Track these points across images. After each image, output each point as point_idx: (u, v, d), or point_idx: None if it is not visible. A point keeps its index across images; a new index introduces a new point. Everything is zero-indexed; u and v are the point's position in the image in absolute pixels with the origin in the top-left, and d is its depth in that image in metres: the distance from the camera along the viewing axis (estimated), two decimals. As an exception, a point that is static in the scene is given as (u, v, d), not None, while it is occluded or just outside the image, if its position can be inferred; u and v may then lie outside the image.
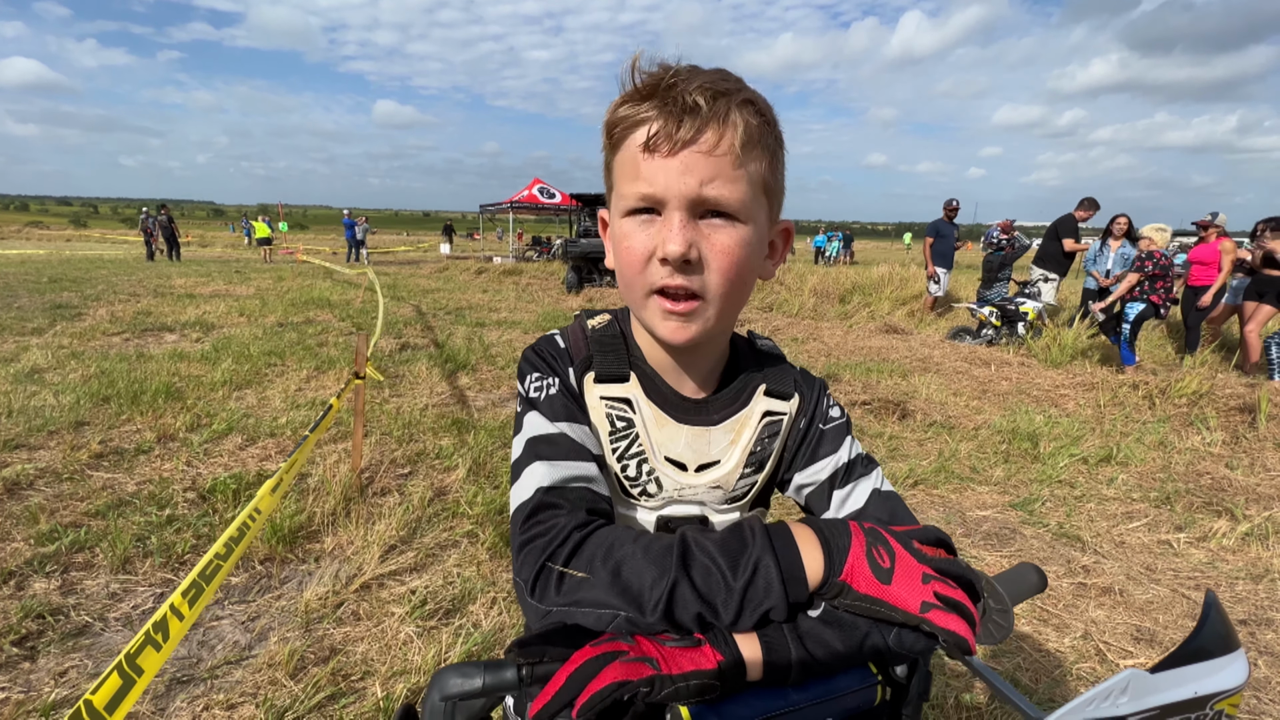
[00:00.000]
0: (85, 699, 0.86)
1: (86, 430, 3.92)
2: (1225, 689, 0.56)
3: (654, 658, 0.49)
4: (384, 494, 3.27)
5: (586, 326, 0.79)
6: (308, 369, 5.70)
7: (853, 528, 0.58)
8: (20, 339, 6.47)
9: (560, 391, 0.73)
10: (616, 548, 0.59)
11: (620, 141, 0.67)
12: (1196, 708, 0.55)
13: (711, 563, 0.56)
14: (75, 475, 3.26)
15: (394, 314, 9.30)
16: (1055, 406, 5.50)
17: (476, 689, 0.47)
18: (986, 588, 0.67)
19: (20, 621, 2.14)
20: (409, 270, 18.83)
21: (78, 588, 2.39)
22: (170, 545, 2.65)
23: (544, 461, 0.68)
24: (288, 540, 2.71)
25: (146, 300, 9.67)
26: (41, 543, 2.61)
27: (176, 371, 5.35)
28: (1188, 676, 0.56)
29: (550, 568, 0.58)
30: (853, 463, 0.78)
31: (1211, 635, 0.59)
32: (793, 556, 0.56)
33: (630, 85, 0.66)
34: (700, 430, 0.76)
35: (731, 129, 0.63)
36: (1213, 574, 2.82)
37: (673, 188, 0.62)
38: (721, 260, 0.65)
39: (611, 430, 0.74)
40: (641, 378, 0.76)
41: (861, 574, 0.54)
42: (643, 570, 0.56)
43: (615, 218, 0.69)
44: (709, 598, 0.54)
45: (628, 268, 0.68)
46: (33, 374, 5.11)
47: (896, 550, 0.56)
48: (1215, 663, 0.57)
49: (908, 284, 12.95)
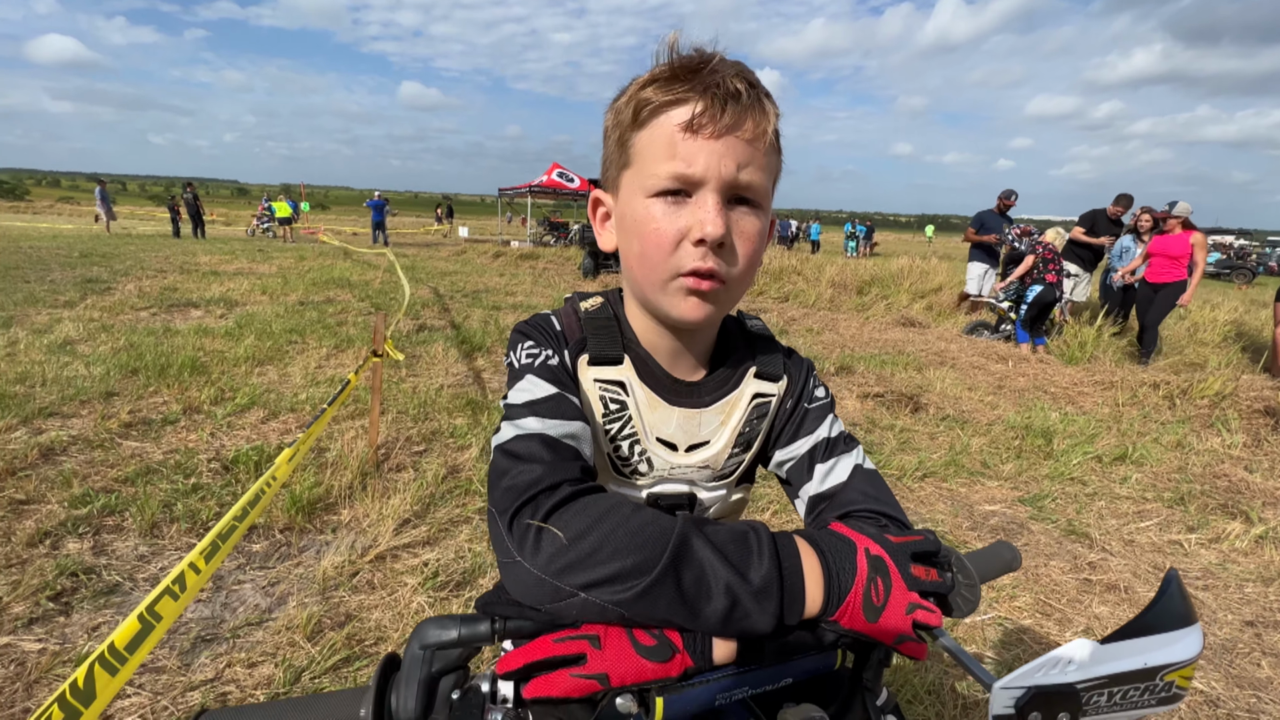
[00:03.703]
0: (109, 641, 0.92)
1: (116, 400, 4.06)
2: (1176, 661, 0.58)
3: (606, 674, 0.50)
4: (399, 470, 3.35)
5: (579, 309, 0.79)
6: (327, 347, 5.81)
7: (859, 562, 0.57)
8: (53, 311, 6.67)
9: (559, 364, 0.73)
10: (602, 516, 0.56)
11: (649, 120, 0.65)
12: (1146, 678, 0.57)
13: (708, 568, 0.54)
14: (106, 443, 3.39)
15: (412, 295, 9.40)
16: (1072, 404, 5.44)
17: (453, 639, 0.50)
18: (957, 564, 0.70)
19: (55, 579, 2.25)
20: (428, 252, 18.97)
21: (108, 549, 2.50)
22: (195, 512, 2.76)
23: (538, 417, 0.66)
24: (307, 511, 2.80)
25: (173, 276, 9.88)
26: (75, 506, 2.73)
27: (201, 346, 5.49)
28: (1138, 648, 0.58)
29: (529, 522, 0.56)
30: (835, 439, 0.80)
31: (1167, 610, 0.61)
32: (796, 589, 0.55)
33: (664, 63, 0.66)
34: (691, 412, 0.77)
35: (766, 120, 0.65)
36: (1222, 575, 2.80)
37: (713, 169, 0.63)
38: (745, 246, 0.67)
39: (605, 412, 0.75)
40: (635, 360, 0.77)
41: (854, 612, 0.55)
42: (624, 549, 0.53)
43: (635, 197, 0.67)
44: (693, 603, 0.52)
45: (655, 250, 0.66)
46: (65, 345, 5.28)
47: (894, 582, 0.56)
48: (1168, 636, 0.59)
49: (927, 277, 12.78)
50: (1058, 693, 0.55)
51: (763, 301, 11.01)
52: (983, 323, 8.15)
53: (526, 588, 0.54)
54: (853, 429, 4.42)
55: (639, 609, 0.52)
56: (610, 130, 0.72)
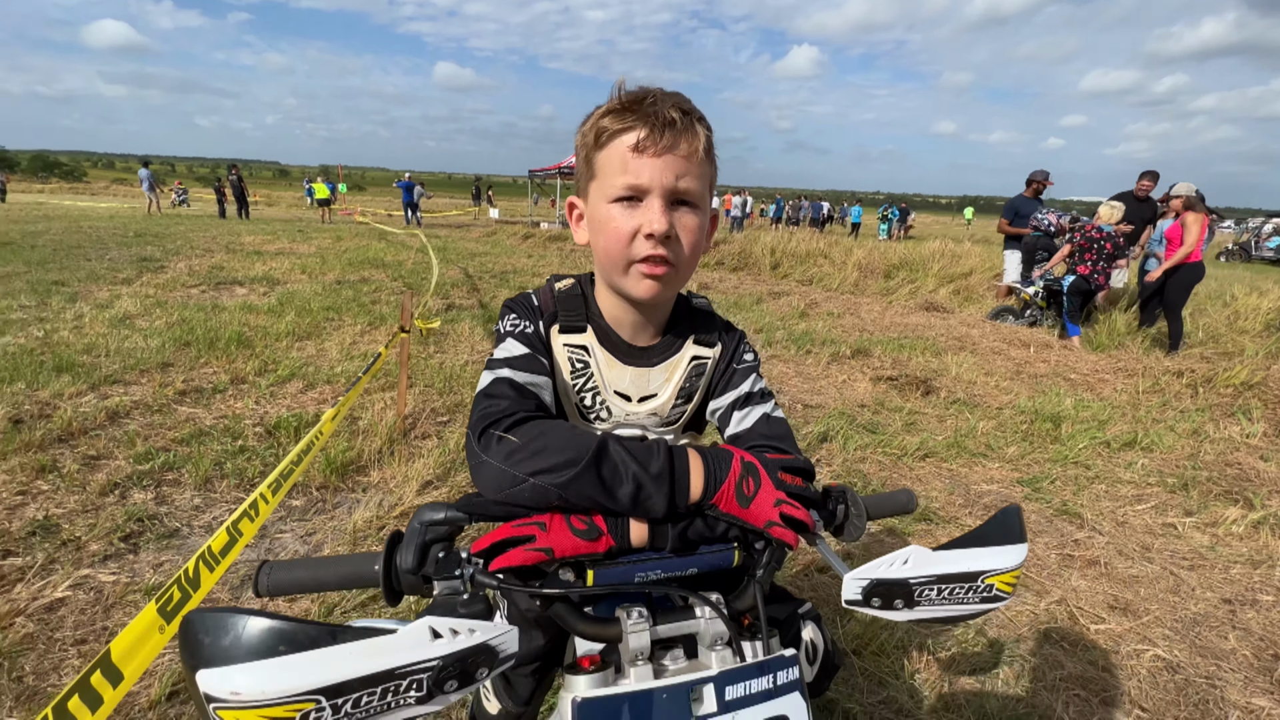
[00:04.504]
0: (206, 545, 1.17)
1: (171, 370, 4.43)
2: (997, 568, 0.74)
3: (550, 548, 0.66)
4: (424, 438, 3.62)
5: (554, 288, 0.98)
6: (362, 324, 6.14)
7: (734, 463, 0.74)
8: (113, 288, 7.17)
9: (534, 332, 0.93)
10: (547, 431, 0.74)
11: (607, 143, 0.83)
12: (969, 580, 0.73)
13: (620, 462, 0.70)
14: (163, 408, 3.74)
15: (442, 276, 9.71)
16: (1090, 391, 5.42)
17: (440, 519, 0.69)
18: (851, 500, 0.87)
19: (124, 523, 2.57)
20: (459, 234, 19.36)
21: (168, 500, 2.82)
22: (242, 470, 3.06)
23: (510, 369, 0.86)
24: (340, 472, 3.08)
25: (219, 256, 10.41)
26: (139, 461, 3.06)
27: (246, 322, 5.87)
28: (964, 557, 0.74)
29: (492, 431, 0.74)
30: (753, 394, 0.98)
31: (996, 531, 0.77)
32: (684, 477, 0.72)
33: (616, 97, 0.84)
34: (642, 370, 0.97)
35: (697, 139, 0.83)
36: (1210, 557, 2.86)
37: (656, 180, 0.81)
38: (688, 237, 0.86)
39: (571, 370, 0.95)
40: (597, 330, 0.96)
41: (728, 498, 0.72)
42: (560, 451, 0.70)
43: (600, 203, 0.86)
44: (610, 487, 0.69)
45: (614, 243, 0.84)
46: (125, 319, 5.72)
47: (763, 481, 0.73)
48: (994, 550, 0.75)
49: (958, 261, 12.55)
50: (895, 584, 0.72)
51: (786, 284, 11.01)
52: (1008, 308, 8.05)
53: (490, 479, 0.72)
54: (859, 410, 4.52)
55: (571, 491, 0.68)
56: (579, 149, 0.91)
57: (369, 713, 0.51)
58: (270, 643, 0.48)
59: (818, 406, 4.57)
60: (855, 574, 0.72)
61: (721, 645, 0.69)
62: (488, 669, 0.56)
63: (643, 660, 0.66)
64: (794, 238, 14.93)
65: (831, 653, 0.96)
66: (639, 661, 0.66)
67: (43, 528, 2.50)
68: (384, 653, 0.51)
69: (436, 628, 0.53)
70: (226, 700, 0.46)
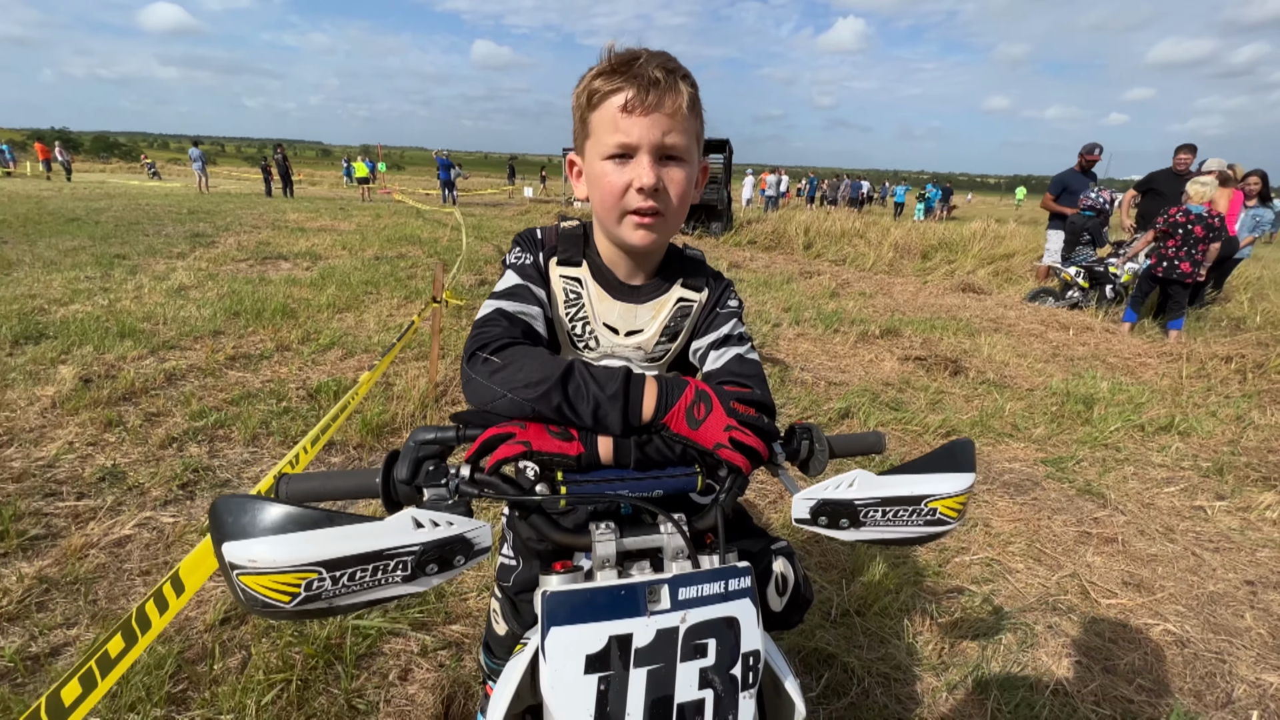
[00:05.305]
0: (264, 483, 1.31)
1: (222, 338, 4.71)
2: (940, 493, 0.79)
3: (529, 440, 0.76)
4: (453, 403, 3.78)
5: (560, 227, 1.07)
6: (398, 298, 6.36)
7: (688, 390, 0.81)
8: (169, 261, 7.58)
9: (532, 264, 1.03)
10: (525, 355, 0.84)
11: (599, 104, 0.90)
12: (913, 503, 0.79)
13: (583, 383, 0.80)
14: (215, 372, 3.99)
15: (476, 252, 9.92)
16: (1130, 374, 5.25)
17: (431, 439, 0.79)
18: (816, 436, 0.93)
19: (182, 473, 2.80)
20: (494, 212, 19.59)
21: (220, 454, 3.04)
22: (286, 429, 3.28)
23: (505, 300, 0.96)
24: (375, 432, 3.27)
25: (266, 232, 10.83)
26: (194, 419, 3.30)
27: (290, 294, 6.14)
28: (909, 481, 0.79)
29: (480, 353, 0.85)
30: (731, 336, 1.05)
31: (945, 460, 0.82)
32: (637, 398, 0.80)
33: (606, 60, 0.91)
34: (630, 306, 1.05)
35: (681, 96, 0.89)
36: (1238, 540, 2.80)
37: (644, 137, 0.87)
38: (675, 189, 0.93)
39: (565, 299, 1.05)
40: (591, 266, 1.05)
41: (678, 419, 0.80)
42: (534, 371, 0.81)
43: (595, 160, 0.93)
44: (573, 403, 0.79)
45: (609, 196, 0.92)
46: (180, 290, 6.06)
47: (714, 407, 0.80)
48: (938, 476, 0.80)
49: (1000, 242, 12.16)
50: (841, 504, 0.79)
51: (818, 264, 10.86)
52: (1047, 289, 7.79)
53: (476, 392, 0.83)
54: (884, 389, 4.50)
55: (541, 404, 0.79)
56: (575, 110, 0.97)
57: (362, 586, 0.61)
58: (281, 523, 0.58)
59: (841, 384, 4.57)
60: (803, 494, 0.79)
61: (683, 558, 0.77)
62: (465, 558, 0.65)
63: (610, 567, 0.75)
64: (829, 217, 14.65)
65: (802, 586, 1.03)
66: (606, 568, 0.74)
67: (110, 474, 2.74)
68: (373, 536, 0.61)
69: (419, 519, 0.63)
70: (245, 567, 0.57)
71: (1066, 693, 1.90)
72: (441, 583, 0.67)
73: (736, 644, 0.70)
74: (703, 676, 0.68)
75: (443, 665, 1.87)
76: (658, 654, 0.67)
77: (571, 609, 0.68)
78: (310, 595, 0.59)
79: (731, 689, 0.69)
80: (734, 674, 0.69)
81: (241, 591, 0.58)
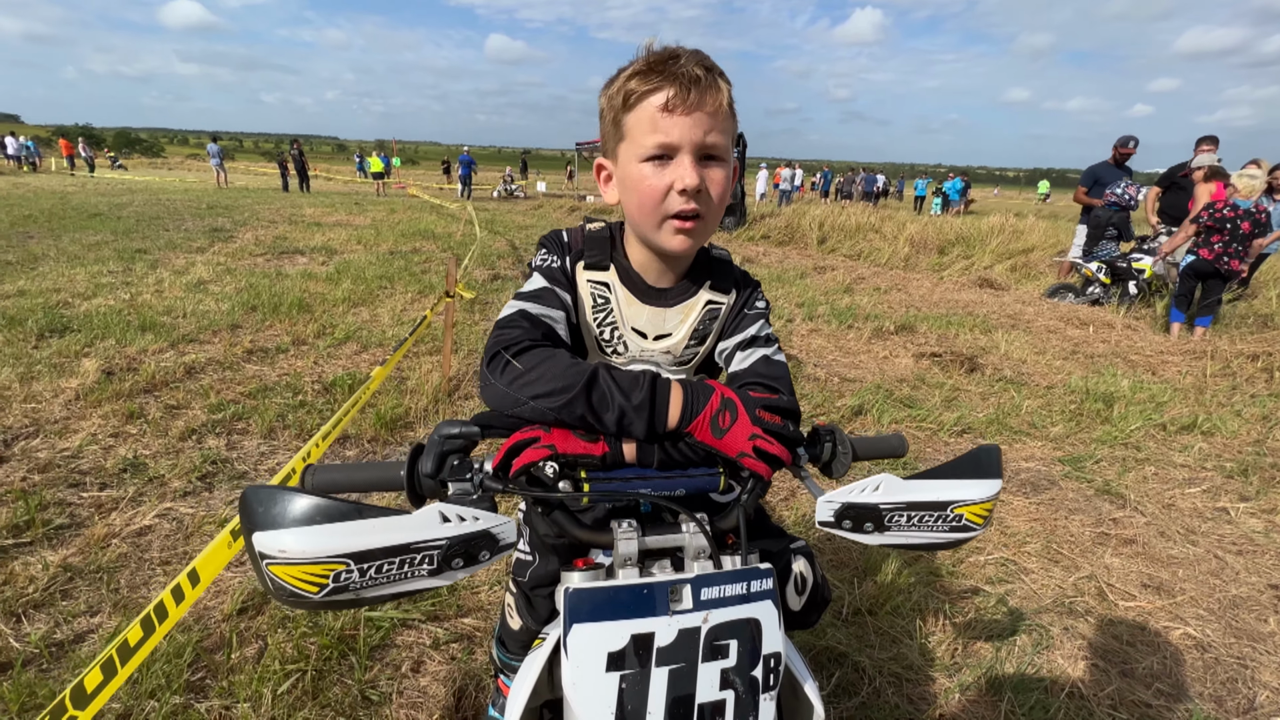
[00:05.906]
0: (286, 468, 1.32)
1: (240, 331, 4.77)
2: (966, 499, 0.78)
3: (554, 444, 0.76)
4: (466, 398, 3.80)
5: (586, 229, 1.05)
6: (412, 292, 6.40)
7: (714, 397, 0.79)
8: (188, 256, 7.68)
9: (559, 268, 1.01)
10: (547, 359, 0.82)
11: (636, 104, 0.87)
12: (939, 509, 0.78)
13: (608, 391, 0.78)
14: (233, 365, 4.05)
15: (489, 247, 9.95)
16: (1151, 372, 5.16)
17: (456, 434, 0.79)
18: (839, 439, 0.93)
19: (201, 464, 2.84)
20: (506, 206, 19.64)
21: (238, 446, 3.08)
22: (302, 422, 3.31)
23: (529, 302, 0.94)
24: (389, 426, 3.29)
25: (283, 227, 10.94)
26: (212, 411, 3.35)
27: (306, 289, 6.20)
28: (935, 487, 0.78)
29: (501, 355, 0.83)
30: (758, 337, 1.04)
31: (971, 467, 0.81)
32: (663, 407, 0.79)
33: (642, 59, 0.88)
34: (659, 310, 1.03)
35: (722, 95, 0.87)
36: (1262, 543, 2.75)
37: (686, 138, 0.85)
38: (715, 189, 0.89)
39: (593, 304, 1.03)
40: (619, 270, 1.02)
41: (703, 428, 0.79)
42: (556, 378, 0.78)
43: (631, 163, 0.90)
44: (598, 412, 0.77)
45: (648, 200, 0.89)
46: (199, 284, 6.14)
47: (740, 415, 0.79)
48: (965, 482, 0.79)
49: (1019, 236, 11.97)
50: (865, 508, 0.78)
51: (833, 259, 10.77)
52: (1067, 285, 7.67)
53: (496, 398, 0.82)
54: (898, 385, 4.46)
55: (564, 414, 0.78)
56: (605, 112, 0.95)
57: (389, 579, 0.61)
58: (311, 514, 0.58)
59: (855, 380, 4.53)
60: (828, 497, 0.78)
61: (704, 558, 0.76)
62: (489, 552, 0.65)
63: (631, 565, 0.74)
64: (844, 212, 14.50)
65: (821, 586, 1.02)
66: (628, 565, 0.74)
67: (132, 465, 2.79)
68: (401, 529, 0.61)
69: (445, 513, 0.63)
70: (275, 557, 0.58)
71: (1082, 696, 1.88)
72: (465, 577, 0.67)
73: (758, 646, 0.70)
74: (724, 677, 0.68)
75: (454, 658, 1.89)
76: (679, 653, 0.67)
77: (594, 606, 0.67)
78: (338, 587, 0.59)
79: (752, 691, 0.68)
80: (755, 675, 0.69)
81: (270, 581, 0.58)
